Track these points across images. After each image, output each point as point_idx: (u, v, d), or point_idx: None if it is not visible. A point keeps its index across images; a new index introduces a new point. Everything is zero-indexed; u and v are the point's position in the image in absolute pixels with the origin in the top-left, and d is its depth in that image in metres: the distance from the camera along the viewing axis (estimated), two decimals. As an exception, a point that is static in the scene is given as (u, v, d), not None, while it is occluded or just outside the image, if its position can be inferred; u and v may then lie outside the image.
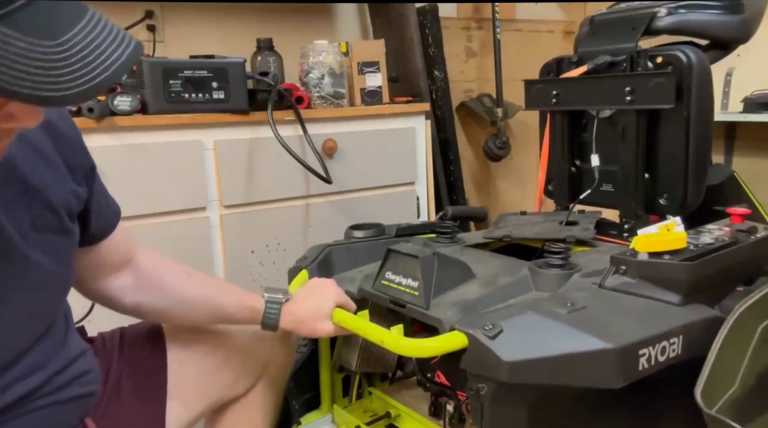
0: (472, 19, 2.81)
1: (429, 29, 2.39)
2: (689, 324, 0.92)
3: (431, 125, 2.17)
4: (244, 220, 1.76)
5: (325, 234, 1.81)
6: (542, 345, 0.84)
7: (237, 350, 1.12)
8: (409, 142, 2.05)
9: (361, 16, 2.50)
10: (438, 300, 1.06)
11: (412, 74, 2.30)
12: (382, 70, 2.01)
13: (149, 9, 2.06)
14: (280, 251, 1.83)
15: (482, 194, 2.96)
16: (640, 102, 1.28)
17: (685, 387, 0.91)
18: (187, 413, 1.06)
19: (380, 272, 1.16)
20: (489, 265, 1.17)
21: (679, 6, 1.36)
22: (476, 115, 2.77)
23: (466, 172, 2.77)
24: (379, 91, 2.00)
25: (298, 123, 1.79)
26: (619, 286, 0.99)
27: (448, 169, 2.50)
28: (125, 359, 1.04)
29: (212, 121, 1.68)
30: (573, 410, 0.94)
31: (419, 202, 2.09)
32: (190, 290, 1.05)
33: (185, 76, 1.63)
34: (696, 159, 1.29)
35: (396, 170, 2.03)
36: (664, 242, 0.97)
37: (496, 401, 0.86)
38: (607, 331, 0.86)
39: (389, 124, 2.01)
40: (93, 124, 1.51)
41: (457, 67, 2.76)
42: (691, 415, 0.94)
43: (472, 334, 0.86)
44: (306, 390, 1.33)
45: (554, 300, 0.94)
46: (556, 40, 3.06)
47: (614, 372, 0.83)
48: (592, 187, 1.40)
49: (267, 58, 2.04)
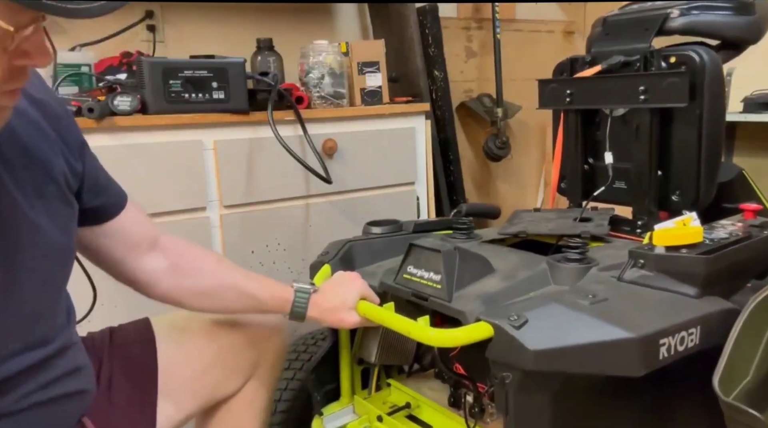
0: (472, 19, 2.81)
1: (429, 29, 2.39)
2: (706, 315, 0.96)
3: (431, 125, 2.17)
4: (244, 220, 1.77)
5: (326, 234, 1.81)
6: (566, 335, 0.88)
7: (227, 349, 1.13)
8: (409, 142, 2.05)
9: (361, 16, 2.50)
10: (460, 293, 1.09)
11: (412, 74, 2.30)
12: (382, 70, 2.01)
13: (149, 9, 2.05)
14: (280, 251, 1.83)
15: (482, 194, 2.97)
16: (654, 101, 1.31)
17: (698, 379, 0.95)
18: (177, 413, 1.07)
19: (402, 266, 1.19)
20: (507, 260, 1.21)
21: (691, 7, 1.39)
22: (476, 115, 2.78)
23: (466, 172, 2.77)
24: (379, 91, 2.00)
25: (298, 123, 1.79)
26: (637, 279, 1.02)
27: (448, 169, 2.50)
28: (116, 359, 1.05)
29: (212, 121, 1.69)
30: (593, 398, 0.97)
31: (419, 201, 2.10)
32: (223, 275, 1.08)
33: (185, 76, 1.63)
34: (708, 156, 1.32)
35: (396, 170, 2.03)
36: (681, 236, 1.00)
37: (520, 389, 0.90)
38: (628, 322, 0.89)
39: (389, 124, 2.01)
40: (93, 124, 1.51)
41: (457, 67, 2.76)
42: (703, 406, 0.97)
43: (498, 324, 0.89)
44: (326, 382, 1.36)
45: (576, 293, 0.98)
46: (556, 40, 3.07)
47: (636, 361, 0.87)
48: (606, 184, 1.43)
49: (267, 58, 2.04)
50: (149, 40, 2.06)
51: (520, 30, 2.93)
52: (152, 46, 2.07)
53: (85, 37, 1.90)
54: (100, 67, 1.83)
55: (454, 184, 2.51)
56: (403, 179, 2.06)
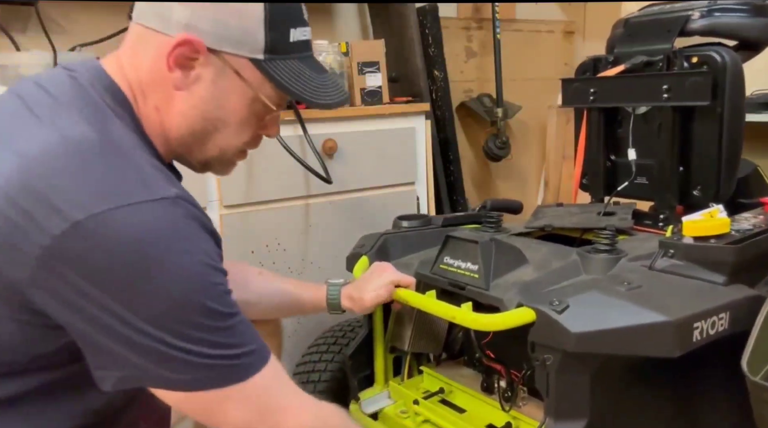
0: (472, 19, 2.80)
1: (429, 29, 2.38)
2: (734, 301, 1.01)
3: (431, 125, 2.16)
4: (244, 220, 1.77)
5: (326, 234, 1.86)
6: (606, 319, 0.93)
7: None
8: (409, 142, 2.05)
9: (361, 16, 2.49)
10: (497, 281, 1.15)
11: (412, 74, 2.29)
12: (382, 70, 2.00)
13: None
14: (280, 251, 1.83)
15: (482, 194, 2.96)
16: (677, 99, 1.36)
17: (724, 365, 1.01)
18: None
19: (438, 257, 1.25)
20: (539, 251, 1.26)
21: (711, 9, 1.44)
22: (476, 115, 2.77)
23: (466, 172, 2.75)
24: (379, 91, 1.99)
25: (298, 123, 1.76)
26: (668, 268, 1.08)
27: (448, 169, 2.49)
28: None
29: None
30: (627, 379, 1.03)
31: (419, 201, 2.10)
32: (267, 283, 1.16)
33: None
34: (729, 153, 1.38)
35: (396, 170, 2.03)
36: (710, 227, 1.06)
37: (561, 370, 0.96)
38: (663, 307, 0.95)
39: (389, 124, 2.00)
40: None
41: (457, 67, 2.75)
42: (727, 388, 1.03)
43: (542, 309, 0.95)
44: (361, 369, 1.42)
45: (612, 280, 1.03)
46: (556, 40, 3.05)
47: (672, 343, 0.93)
48: (629, 180, 1.48)
49: None
50: (149, 40, 2.07)
51: (520, 30, 2.92)
52: (152, 46, 2.07)
53: (85, 37, 1.88)
54: (99, 67, 1.84)
55: (454, 184, 2.50)
56: (403, 179, 2.06)
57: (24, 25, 1.81)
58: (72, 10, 1.88)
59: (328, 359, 1.51)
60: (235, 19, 0.82)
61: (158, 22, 0.82)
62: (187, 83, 0.83)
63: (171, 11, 0.81)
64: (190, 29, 0.81)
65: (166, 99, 0.84)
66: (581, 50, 3.04)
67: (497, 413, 1.22)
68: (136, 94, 0.85)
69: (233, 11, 0.81)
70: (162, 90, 0.84)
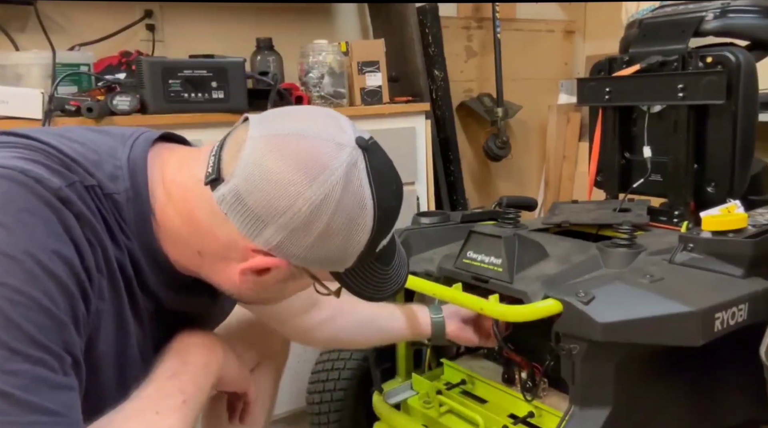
0: (472, 19, 2.80)
1: (429, 29, 2.37)
2: (753, 293, 1.05)
3: (431, 125, 2.16)
4: None
5: None
6: (631, 309, 0.97)
7: (234, 339, 1.12)
8: (409, 142, 2.03)
9: (361, 16, 2.48)
10: (520, 275, 1.18)
11: (412, 74, 2.29)
12: (382, 70, 1.99)
13: (148, 8, 2.02)
14: None
15: (482, 194, 2.96)
16: (692, 98, 1.40)
17: (742, 354, 1.04)
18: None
19: (462, 251, 1.28)
20: (559, 246, 1.30)
21: (725, 10, 1.48)
22: (476, 115, 2.77)
23: (466, 172, 2.75)
24: (379, 91, 1.99)
25: None
26: (687, 261, 1.12)
27: (448, 169, 2.48)
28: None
29: (212, 121, 1.66)
30: (650, 368, 1.06)
31: (419, 201, 2.10)
32: (363, 312, 1.17)
33: (185, 76, 1.62)
34: (742, 150, 1.41)
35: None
36: (729, 222, 1.09)
37: (587, 359, 0.99)
38: (686, 298, 0.99)
39: (389, 123, 1.99)
40: (92, 123, 1.50)
41: (457, 67, 2.74)
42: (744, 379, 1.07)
43: (568, 301, 0.99)
44: (384, 361, 1.45)
45: (634, 273, 1.07)
46: (557, 40, 3.05)
47: (695, 332, 0.96)
48: (644, 177, 1.52)
49: (267, 57, 2.01)
50: (148, 40, 2.03)
51: (521, 30, 2.92)
52: (151, 46, 2.03)
53: (84, 36, 1.87)
54: (99, 66, 1.80)
55: (454, 184, 2.50)
56: (403, 179, 1.97)
57: (23, 24, 1.82)
58: (71, 10, 1.89)
59: (346, 356, 1.54)
60: (338, 252, 0.73)
61: (245, 223, 0.70)
62: (253, 276, 0.75)
63: (266, 228, 0.70)
64: (278, 251, 0.71)
65: (217, 261, 0.75)
66: (581, 50, 3.06)
67: (519, 403, 1.25)
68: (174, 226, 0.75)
69: (340, 246, 0.72)
70: (218, 254, 0.74)
